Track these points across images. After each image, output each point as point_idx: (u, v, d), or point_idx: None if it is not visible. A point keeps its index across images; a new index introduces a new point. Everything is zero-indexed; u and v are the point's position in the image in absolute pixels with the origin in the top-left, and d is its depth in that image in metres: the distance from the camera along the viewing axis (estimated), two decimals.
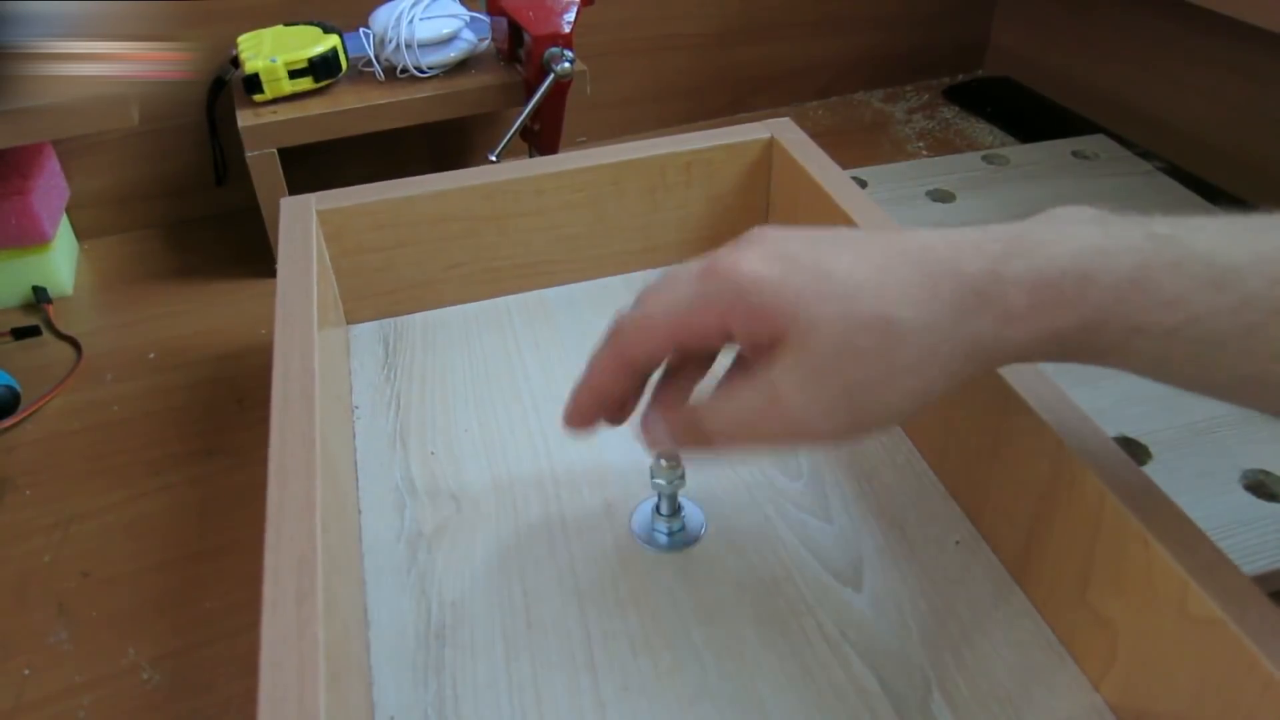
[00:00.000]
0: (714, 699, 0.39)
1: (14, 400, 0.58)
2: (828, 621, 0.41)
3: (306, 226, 0.53)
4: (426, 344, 0.58)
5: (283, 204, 0.55)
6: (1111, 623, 0.37)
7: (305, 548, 0.35)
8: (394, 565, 0.45)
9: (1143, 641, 0.35)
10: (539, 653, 0.41)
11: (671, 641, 0.41)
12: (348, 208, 0.56)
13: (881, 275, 0.31)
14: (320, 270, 0.51)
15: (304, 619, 0.33)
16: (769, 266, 0.32)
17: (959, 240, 0.32)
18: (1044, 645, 0.40)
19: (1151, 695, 0.35)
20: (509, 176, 0.57)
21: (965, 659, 0.40)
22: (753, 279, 0.32)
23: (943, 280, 0.30)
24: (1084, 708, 0.38)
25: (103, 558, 0.49)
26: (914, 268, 0.31)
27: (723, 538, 0.45)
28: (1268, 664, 0.29)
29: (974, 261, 0.31)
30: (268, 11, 0.72)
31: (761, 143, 0.61)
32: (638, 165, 0.59)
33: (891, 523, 0.46)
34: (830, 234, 0.33)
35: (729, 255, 0.33)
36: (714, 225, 0.63)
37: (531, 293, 0.62)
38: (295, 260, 0.51)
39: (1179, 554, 0.33)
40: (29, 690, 0.43)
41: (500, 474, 0.49)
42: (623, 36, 0.85)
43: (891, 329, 0.30)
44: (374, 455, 0.51)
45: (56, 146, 0.71)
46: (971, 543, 0.45)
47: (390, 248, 0.58)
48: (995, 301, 0.30)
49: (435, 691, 0.39)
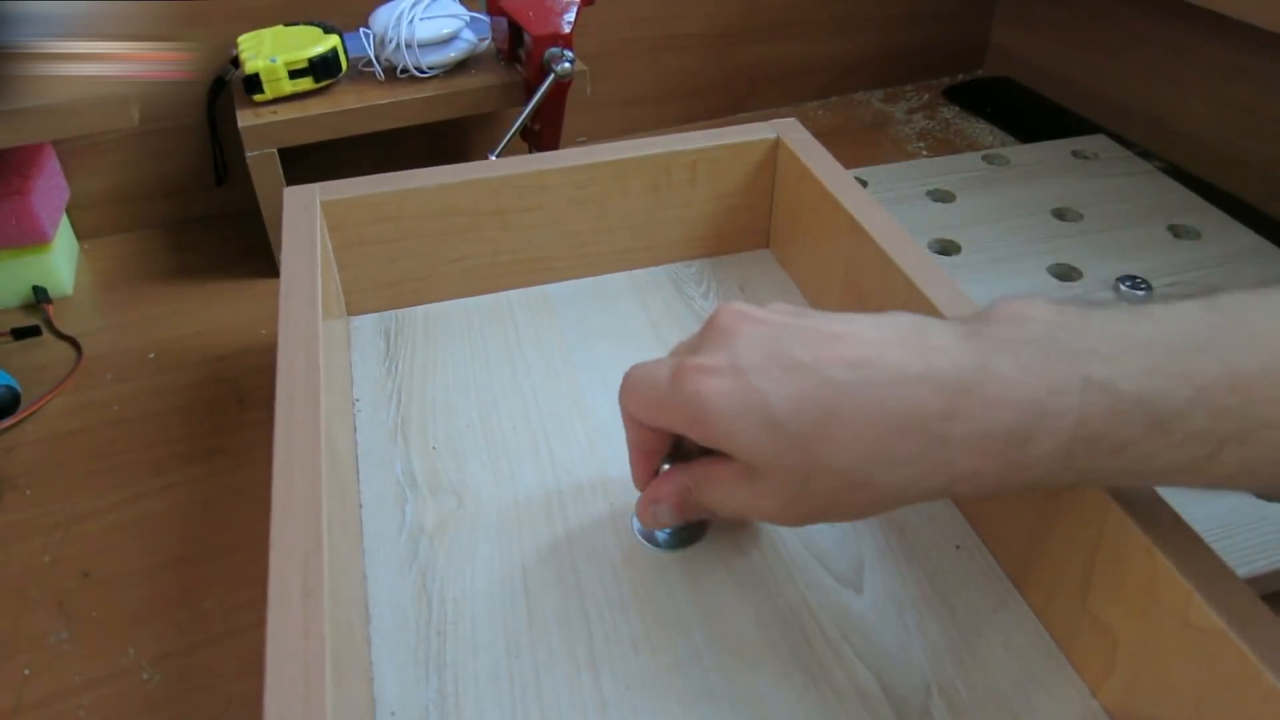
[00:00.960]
0: (715, 699, 0.39)
1: (14, 400, 0.58)
2: (829, 623, 0.42)
3: (311, 217, 0.53)
4: (428, 337, 0.58)
5: (286, 194, 0.55)
6: (1111, 629, 0.37)
7: (310, 544, 0.35)
8: (395, 560, 0.45)
9: (1143, 649, 0.35)
10: (540, 650, 0.41)
11: (673, 641, 0.41)
12: (351, 199, 0.55)
13: (835, 425, 0.32)
14: (323, 262, 0.51)
15: (310, 615, 0.33)
16: (728, 400, 0.34)
17: (921, 374, 0.32)
18: (1044, 650, 0.40)
19: (1150, 703, 0.35)
20: (513, 171, 0.57)
21: (965, 663, 0.40)
22: (711, 410, 0.34)
23: (892, 440, 0.32)
24: (1083, 713, 0.38)
25: (103, 558, 0.49)
26: (865, 421, 0.32)
27: (724, 538, 0.46)
28: (1270, 676, 0.30)
29: (927, 420, 0.31)
30: (268, 11, 0.72)
31: (767, 143, 0.61)
32: (642, 163, 0.59)
33: (892, 526, 0.46)
34: (793, 346, 0.34)
35: (694, 368, 0.35)
36: (717, 224, 0.63)
37: (533, 288, 0.62)
38: (300, 251, 0.50)
39: (1182, 564, 0.33)
40: (29, 690, 0.43)
41: (502, 470, 0.49)
42: (623, 36, 0.85)
43: (845, 478, 0.33)
44: (375, 449, 0.51)
45: (56, 146, 0.71)
46: (972, 548, 0.45)
47: (393, 240, 0.58)
48: (943, 465, 0.32)
49: (436, 687, 0.39)
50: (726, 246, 0.65)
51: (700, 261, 0.64)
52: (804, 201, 0.59)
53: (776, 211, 0.63)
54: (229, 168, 0.77)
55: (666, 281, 0.63)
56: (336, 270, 0.57)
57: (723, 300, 0.60)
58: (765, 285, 0.62)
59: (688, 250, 0.64)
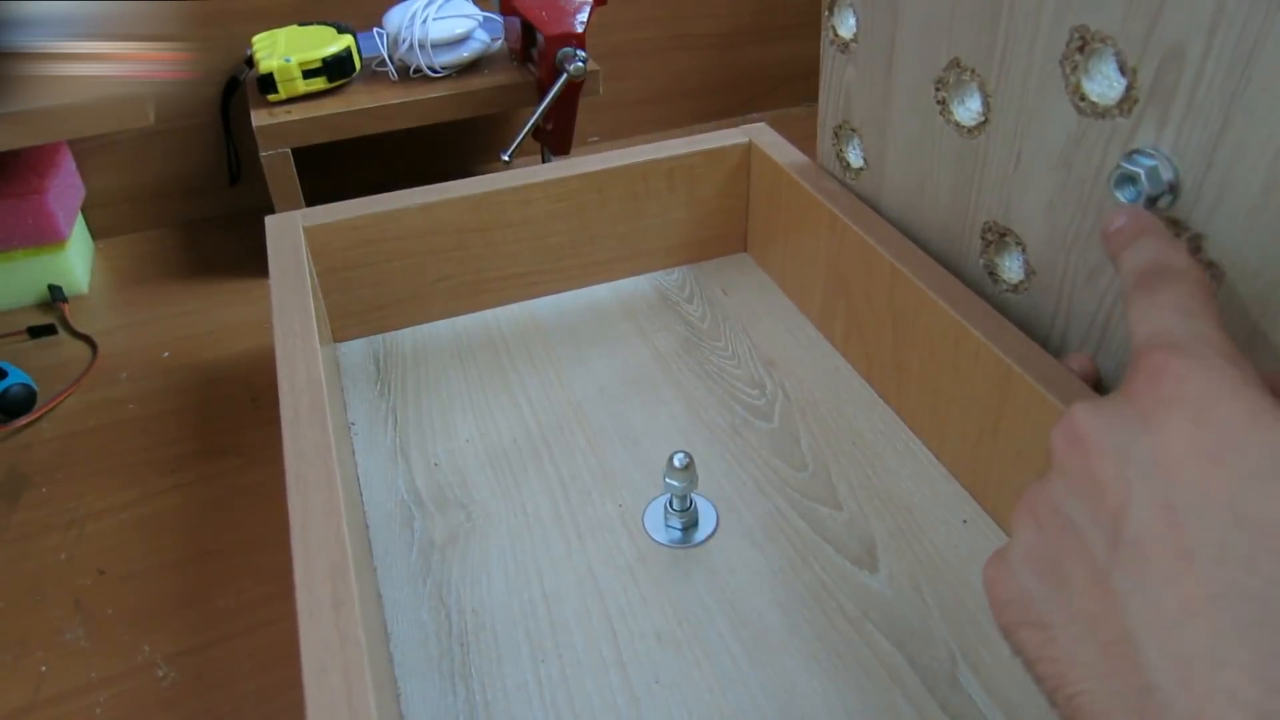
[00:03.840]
0: (746, 686, 0.39)
1: (31, 398, 0.58)
2: (849, 604, 0.42)
3: (296, 243, 0.53)
4: (418, 359, 0.58)
5: (268, 222, 0.55)
6: None
7: (335, 553, 0.35)
8: (409, 576, 0.44)
9: None
10: (566, 652, 0.41)
11: (698, 633, 0.41)
12: (333, 224, 0.55)
13: None
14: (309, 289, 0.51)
15: (343, 624, 0.32)
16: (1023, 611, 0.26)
17: None
18: None
19: None
20: (494, 188, 0.58)
21: (987, 632, 0.40)
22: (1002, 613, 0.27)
23: None
24: None
25: (118, 555, 0.49)
26: None
27: (736, 531, 0.46)
28: None
29: None
30: (282, 11, 0.72)
31: (740, 148, 0.62)
32: (620, 173, 0.60)
33: (899, 506, 0.47)
34: None
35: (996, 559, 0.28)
36: (696, 230, 0.64)
37: (519, 304, 0.62)
38: (288, 275, 0.50)
39: None
40: (46, 686, 0.43)
41: (507, 481, 0.49)
42: (635, 37, 0.86)
43: None
44: (376, 470, 0.50)
45: (72, 146, 0.71)
46: (979, 521, 0.46)
47: (376, 263, 0.57)
48: None
49: (465, 698, 0.39)
50: (706, 252, 0.66)
51: (682, 269, 0.65)
52: (780, 202, 0.60)
53: (753, 214, 0.64)
54: (243, 167, 0.77)
55: (650, 289, 0.63)
56: (321, 297, 0.57)
57: (708, 303, 0.61)
58: (746, 288, 0.63)
59: (668, 258, 0.65)
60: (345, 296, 0.58)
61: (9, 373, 0.57)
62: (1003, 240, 0.46)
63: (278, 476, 0.38)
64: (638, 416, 0.53)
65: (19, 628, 0.45)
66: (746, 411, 0.53)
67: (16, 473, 0.54)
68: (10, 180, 0.65)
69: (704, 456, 0.50)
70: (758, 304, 0.62)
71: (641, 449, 0.51)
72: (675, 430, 0.52)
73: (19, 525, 0.51)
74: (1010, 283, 0.46)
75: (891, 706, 0.38)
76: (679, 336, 0.59)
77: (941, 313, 0.46)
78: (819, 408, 0.53)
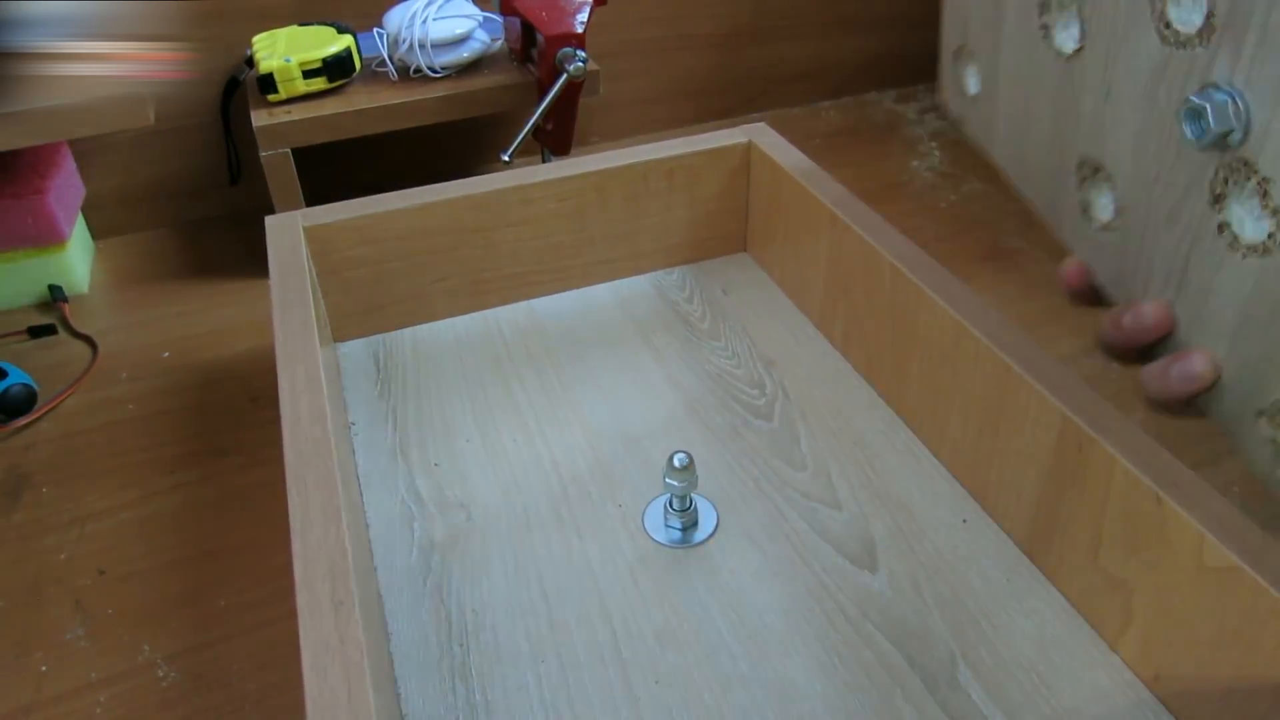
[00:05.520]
0: (746, 685, 0.39)
1: (31, 398, 0.58)
2: (848, 604, 0.42)
3: (296, 243, 0.53)
4: (418, 359, 0.58)
5: (268, 222, 0.55)
6: (1125, 584, 0.38)
7: (335, 553, 0.35)
8: (409, 576, 0.44)
9: (1159, 598, 0.36)
10: (566, 652, 0.41)
11: (698, 633, 0.41)
12: (333, 224, 0.55)
13: None
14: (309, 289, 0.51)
15: (343, 624, 0.32)
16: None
17: None
18: (1060, 612, 0.41)
19: (1170, 649, 0.36)
20: (494, 188, 0.58)
21: (985, 632, 0.41)
22: None
23: None
24: (1105, 668, 0.39)
25: (118, 555, 0.49)
26: None
27: (736, 530, 0.46)
28: None
29: None
30: (282, 11, 0.72)
31: (740, 147, 0.62)
32: (620, 173, 0.60)
33: (899, 506, 0.47)
34: None
35: None
36: (696, 230, 0.64)
37: (519, 304, 0.62)
38: (288, 275, 0.50)
39: (1192, 508, 0.34)
40: (46, 686, 0.43)
41: (507, 481, 0.49)
42: (635, 37, 0.86)
43: None
44: (376, 470, 0.50)
45: (72, 146, 0.71)
46: (978, 521, 0.46)
47: (376, 263, 0.57)
48: None
49: (465, 698, 0.39)
50: (705, 252, 0.66)
51: (681, 269, 0.65)
52: (780, 202, 0.60)
53: (752, 214, 0.64)
54: (243, 167, 0.77)
55: (650, 289, 0.63)
56: (321, 297, 0.57)
57: (708, 302, 0.61)
58: (746, 287, 0.63)
59: (668, 258, 0.65)
60: (345, 297, 0.58)
61: (9, 373, 0.58)
62: (1096, 176, 0.45)
63: (278, 476, 0.38)
64: (638, 416, 0.53)
65: (19, 628, 0.45)
66: (746, 411, 0.53)
67: (16, 473, 0.54)
68: (11, 180, 0.65)
69: (704, 456, 0.50)
70: (758, 304, 0.62)
71: (641, 449, 0.51)
72: (675, 430, 0.52)
73: (19, 525, 0.51)
74: (1102, 221, 0.45)
75: (891, 706, 0.38)
76: (679, 336, 0.59)
77: (941, 313, 0.46)
78: (819, 408, 0.53)
